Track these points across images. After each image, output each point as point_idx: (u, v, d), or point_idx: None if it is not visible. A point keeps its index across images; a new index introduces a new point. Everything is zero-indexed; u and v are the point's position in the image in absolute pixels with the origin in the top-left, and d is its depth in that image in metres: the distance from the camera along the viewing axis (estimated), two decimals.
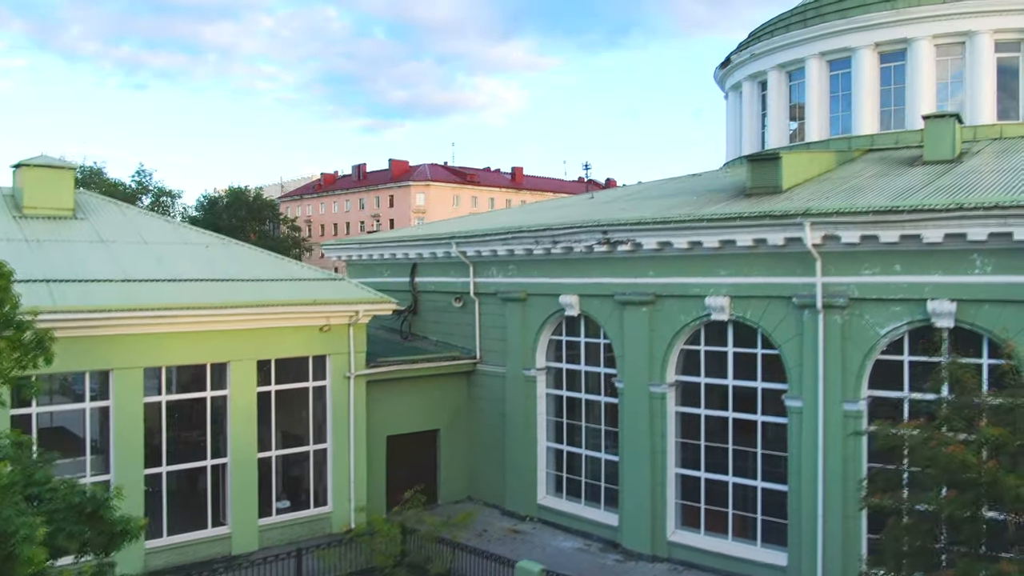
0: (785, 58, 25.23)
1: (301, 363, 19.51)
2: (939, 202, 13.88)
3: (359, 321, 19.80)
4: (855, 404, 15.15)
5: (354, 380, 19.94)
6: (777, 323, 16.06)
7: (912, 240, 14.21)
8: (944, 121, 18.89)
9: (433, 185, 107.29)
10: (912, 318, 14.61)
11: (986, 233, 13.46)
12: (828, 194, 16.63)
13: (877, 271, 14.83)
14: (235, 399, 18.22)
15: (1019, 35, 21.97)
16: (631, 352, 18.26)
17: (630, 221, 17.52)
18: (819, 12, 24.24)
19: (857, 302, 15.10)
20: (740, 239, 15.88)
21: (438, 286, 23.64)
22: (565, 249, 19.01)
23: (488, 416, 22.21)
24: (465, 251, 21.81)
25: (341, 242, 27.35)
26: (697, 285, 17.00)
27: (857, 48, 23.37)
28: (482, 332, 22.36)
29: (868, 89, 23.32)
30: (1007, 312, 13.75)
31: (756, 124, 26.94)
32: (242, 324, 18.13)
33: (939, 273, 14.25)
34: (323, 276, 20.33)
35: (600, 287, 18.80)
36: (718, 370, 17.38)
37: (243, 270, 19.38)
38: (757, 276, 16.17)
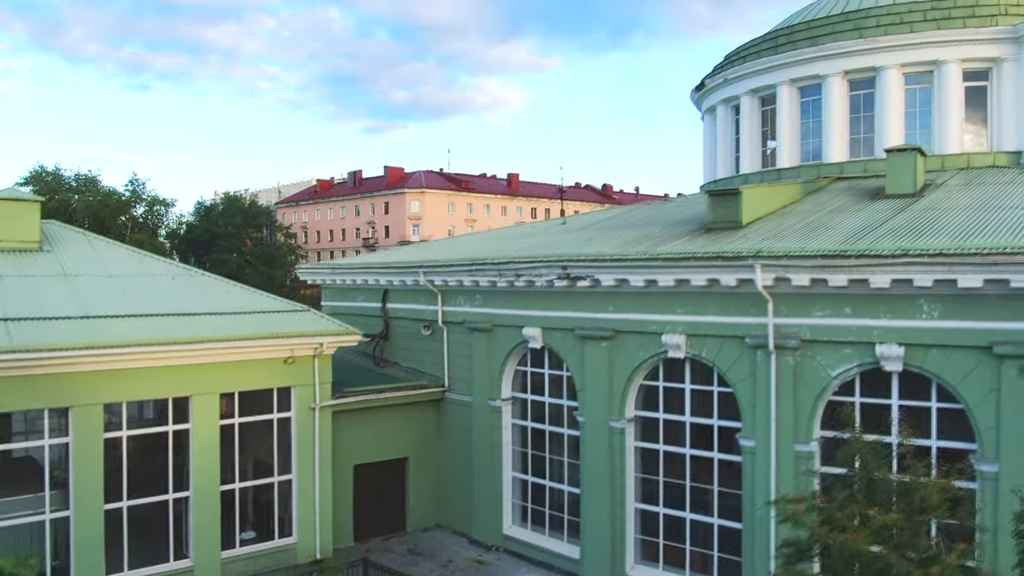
0: (757, 84, 25.28)
1: (265, 394, 19.56)
2: (886, 248, 13.91)
3: (324, 352, 19.86)
4: (807, 445, 15.18)
5: (319, 411, 20.00)
6: (731, 362, 16.10)
7: (861, 284, 14.24)
8: (906, 155, 18.92)
9: (428, 192, 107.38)
10: (862, 361, 14.64)
11: (931, 280, 13.49)
12: (784, 232, 16.66)
13: (828, 313, 14.87)
14: (197, 432, 18.28)
15: (987, 64, 22.01)
16: (591, 386, 18.30)
17: (589, 258, 17.57)
18: (790, 39, 24.31)
19: (809, 343, 15.13)
20: (694, 279, 15.92)
21: (408, 313, 23.71)
22: (527, 282, 19.06)
23: (456, 444, 22.27)
24: (433, 280, 21.87)
25: (315, 266, 27.44)
26: (654, 322, 17.04)
27: (827, 76, 23.42)
28: (450, 360, 22.41)
29: (838, 117, 23.36)
30: (954, 357, 13.79)
31: (730, 148, 26.99)
32: (204, 358, 18.18)
33: (888, 317, 14.28)
34: (288, 308, 20.39)
35: (562, 321, 18.85)
36: (676, 406, 17.42)
37: (207, 303, 19.44)
38: (712, 315, 16.21)
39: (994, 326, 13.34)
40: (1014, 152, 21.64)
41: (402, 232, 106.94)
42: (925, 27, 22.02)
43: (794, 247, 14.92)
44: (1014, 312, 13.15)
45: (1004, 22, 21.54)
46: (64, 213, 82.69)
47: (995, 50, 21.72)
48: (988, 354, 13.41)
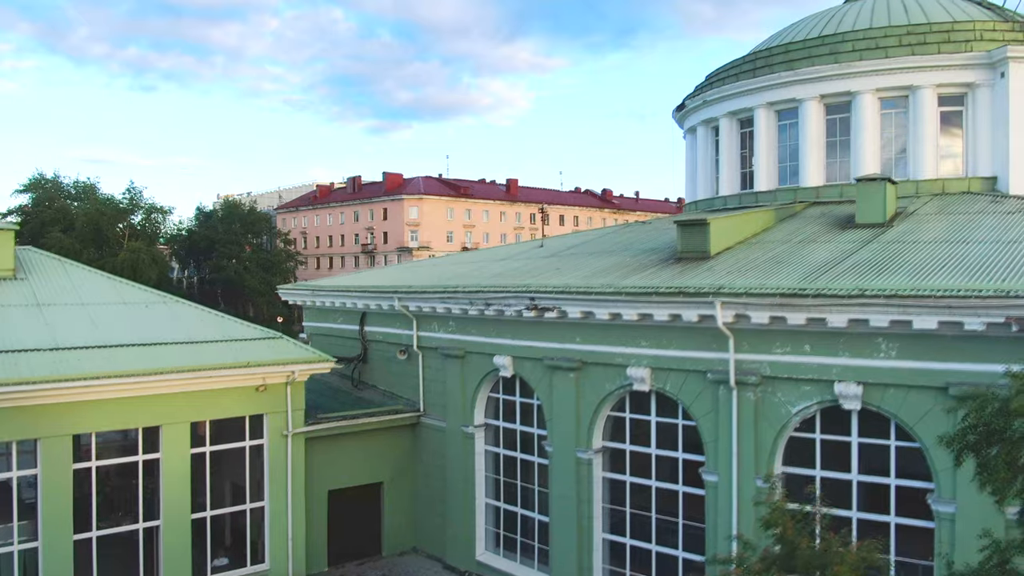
0: (735, 106, 25.31)
1: (237, 422, 19.63)
2: (843, 287, 13.92)
3: (296, 380, 19.93)
4: (767, 482, 15.12)
5: (292, 438, 20.08)
6: (695, 397, 16.12)
7: (819, 323, 14.25)
8: (875, 185, 18.91)
9: (426, 199, 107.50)
10: (822, 398, 14.65)
11: (887, 321, 13.49)
12: (748, 266, 16.67)
13: (788, 350, 14.88)
14: (167, 461, 18.37)
15: (962, 89, 22.01)
16: (559, 417, 18.34)
17: (556, 289, 17.62)
18: (768, 62, 24.34)
19: (769, 380, 15.14)
20: (657, 314, 15.95)
21: (385, 336, 23.77)
22: (497, 311, 19.11)
23: (431, 469, 22.32)
24: (407, 306, 21.94)
25: (296, 287, 27.54)
26: (620, 355, 17.07)
27: (803, 100, 23.45)
28: (425, 385, 22.47)
29: (814, 141, 23.39)
30: (911, 397, 13.79)
31: (710, 170, 27.02)
32: (175, 388, 18.27)
33: (846, 355, 14.29)
34: (261, 335, 20.46)
35: (531, 350, 18.89)
36: (643, 438, 17.45)
37: (180, 332, 19.53)
38: (675, 349, 16.23)
39: (950, 367, 13.33)
40: (989, 178, 21.65)
41: (400, 238, 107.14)
42: (900, 52, 22.04)
43: (754, 284, 14.94)
44: (969, 354, 13.15)
45: (979, 47, 21.55)
46: (63, 221, 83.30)
47: (970, 75, 21.73)
48: (944, 395, 13.41)
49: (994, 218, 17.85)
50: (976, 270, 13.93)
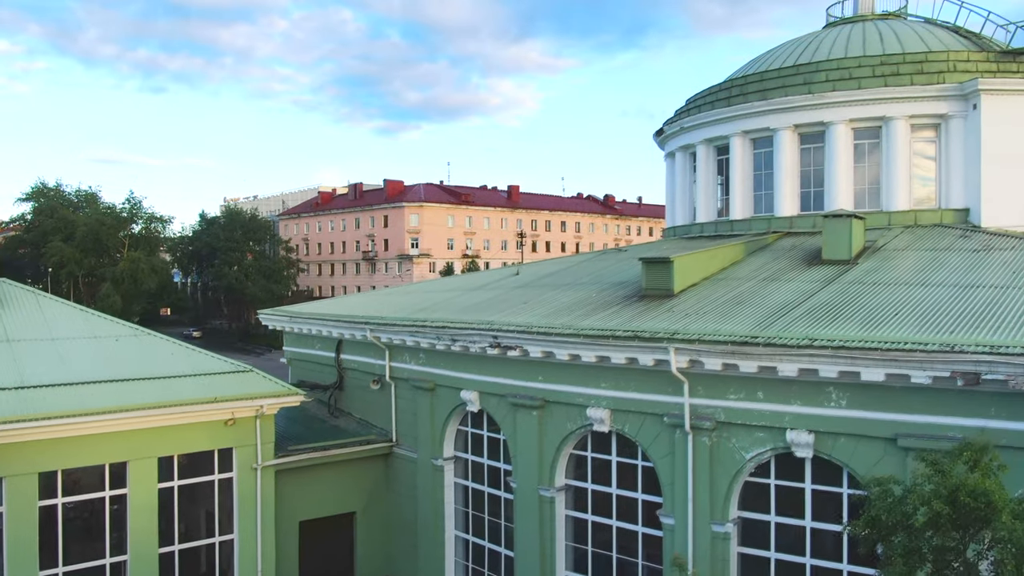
0: (712, 134, 25.30)
1: (206, 455, 19.75)
2: (793, 337, 13.90)
3: (265, 413, 20.04)
4: (722, 526, 15.19)
5: (261, 471, 20.18)
6: (652, 439, 16.14)
7: (771, 370, 14.24)
8: (841, 221, 18.87)
9: (427, 206, 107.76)
10: (775, 445, 14.65)
11: (836, 371, 13.48)
12: (707, 307, 16.67)
13: (742, 397, 14.88)
14: (134, 497, 18.50)
15: (935, 120, 21.94)
16: (523, 454, 18.39)
17: (518, 329, 17.66)
18: (743, 91, 24.34)
19: (724, 425, 15.14)
20: (614, 357, 15.97)
21: (360, 365, 23.87)
22: (463, 347, 19.16)
23: (403, 500, 22.40)
24: (379, 337, 22.02)
25: (275, 312, 27.66)
26: (580, 395, 17.11)
27: (777, 129, 23.43)
28: (398, 416, 22.55)
29: (788, 170, 23.36)
30: (861, 447, 13.78)
31: (688, 196, 27.00)
32: (142, 424, 18.40)
33: (798, 403, 14.28)
34: (231, 368, 20.57)
35: (496, 387, 18.94)
36: (604, 478, 17.47)
37: (149, 366, 19.68)
38: (633, 392, 16.25)
39: (898, 418, 13.33)
40: (961, 209, 21.58)
41: (401, 246, 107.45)
42: (872, 83, 22.00)
43: (708, 330, 14.94)
44: (917, 406, 13.13)
45: (951, 79, 21.48)
46: (64, 230, 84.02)
47: (943, 107, 21.66)
48: (894, 446, 13.40)
49: (959, 257, 17.79)
50: (929, 318, 13.90)
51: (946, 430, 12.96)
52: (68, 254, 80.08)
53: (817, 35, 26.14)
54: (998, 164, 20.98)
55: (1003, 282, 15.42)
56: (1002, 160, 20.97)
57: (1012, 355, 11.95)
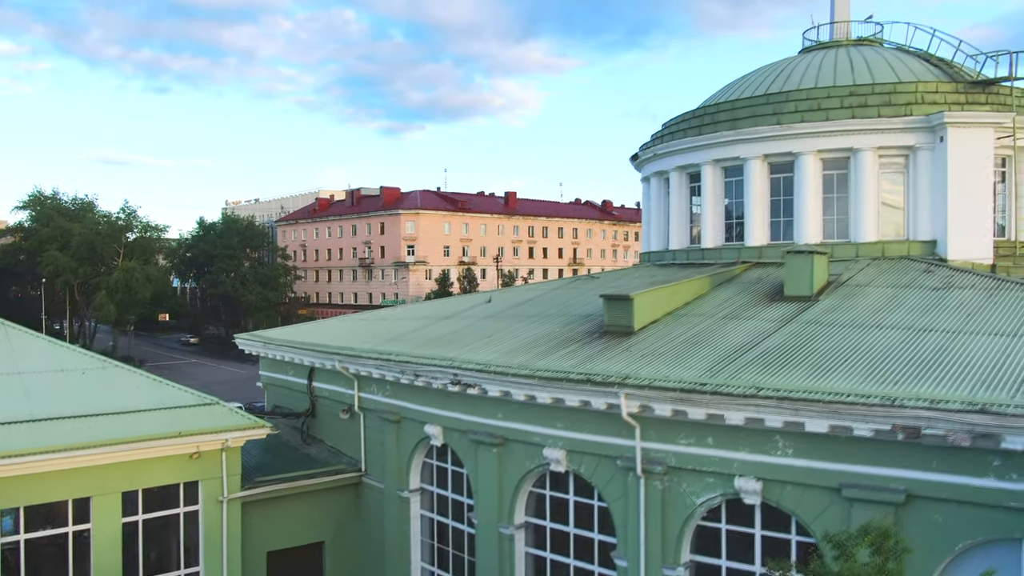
0: (684, 161, 25.35)
1: (171, 488, 19.83)
2: (740, 385, 13.94)
3: (231, 446, 20.11)
4: (673, 570, 15.22)
5: (227, 503, 20.25)
6: (607, 481, 16.17)
7: (719, 417, 14.27)
8: (802, 258, 18.88)
9: (423, 214, 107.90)
10: (724, 491, 14.67)
11: (781, 421, 13.51)
12: (664, 347, 16.70)
13: (692, 442, 14.91)
14: (98, 532, 18.58)
15: (904, 152, 21.96)
16: (483, 490, 18.44)
17: (476, 368, 17.72)
18: (714, 120, 24.38)
19: (675, 470, 15.17)
20: (568, 399, 16.02)
21: (331, 394, 23.94)
22: (426, 383, 19.22)
23: (371, 530, 22.46)
24: (348, 367, 22.10)
25: (250, 337, 27.73)
26: (538, 435, 17.15)
27: (747, 159, 23.47)
28: (367, 446, 22.62)
29: (758, 200, 23.39)
30: (807, 495, 13.80)
31: (663, 221, 27.03)
32: (106, 460, 18.49)
33: (746, 451, 14.30)
34: (197, 401, 20.64)
35: (459, 423, 18.99)
36: (562, 517, 17.51)
37: (114, 400, 19.75)
38: (588, 433, 16.29)
39: (843, 468, 13.35)
40: (929, 241, 21.59)
41: (398, 253, 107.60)
42: (840, 115, 22.02)
43: (659, 375, 14.97)
44: (861, 456, 13.15)
45: (919, 111, 21.50)
46: (59, 239, 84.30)
47: (910, 139, 21.68)
48: (839, 496, 13.42)
49: (917, 296, 17.79)
50: (877, 366, 13.92)
51: (889, 481, 12.99)
52: (63, 263, 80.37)
53: (791, 61, 26.16)
54: (964, 197, 21.00)
55: (956, 326, 15.42)
56: (968, 193, 21.00)
57: (950, 411, 11.97)
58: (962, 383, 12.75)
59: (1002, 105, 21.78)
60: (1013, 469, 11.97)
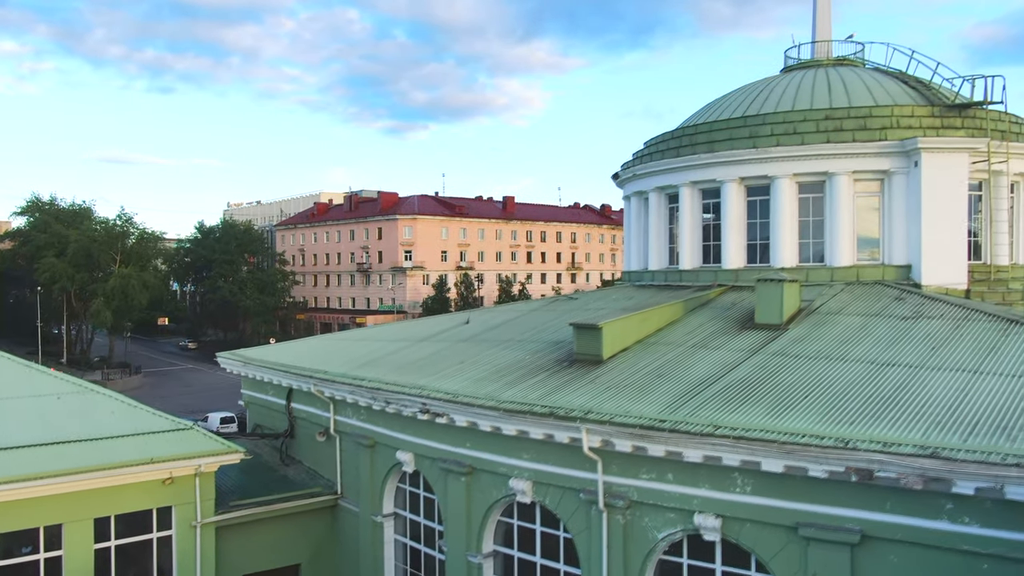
0: (663, 182, 25.38)
1: (144, 514, 19.89)
2: (697, 423, 13.96)
3: (204, 471, 20.17)
4: None
5: (201, 528, 20.31)
6: (571, 513, 16.20)
7: (678, 454, 14.29)
8: (772, 286, 18.88)
9: (420, 219, 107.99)
10: (685, 527, 14.69)
11: (738, 460, 13.52)
12: (629, 379, 16.71)
13: (653, 477, 14.92)
14: (70, 559, 18.63)
15: (879, 176, 21.96)
16: (453, 518, 18.47)
17: (444, 397, 17.76)
18: (692, 142, 24.41)
19: (637, 504, 15.19)
20: (533, 432, 16.05)
21: (308, 416, 24.01)
22: (397, 410, 19.27)
23: (347, 553, 22.51)
24: (323, 390, 22.15)
25: (231, 356, 27.79)
26: (504, 465, 17.18)
27: (724, 181, 23.48)
28: (343, 469, 22.67)
29: (734, 223, 23.41)
30: (765, 533, 13.81)
31: (643, 241, 27.06)
32: (78, 487, 18.55)
33: (706, 487, 14.32)
34: (171, 427, 20.70)
35: (429, 450, 19.03)
36: (529, 547, 17.53)
37: (87, 426, 19.81)
38: (552, 466, 16.31)
39: (799, 507, 13.35)
40: (903, 266, 21.59)
41: (395, 258, 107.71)
42: (816, 139, 22.03)
43: (620, 411, 14.99)
44: (817, 496, 13.16)
45: (894, 135, 21.50)
46: (56, 245, 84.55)
47: (885, 163, 21.69)
48: (796, 534, 13.43)
49: (885, 325, 17.78)
50: (836, 404, 13.92)
51: (845, 522, 13.00)
52: (60, 269, 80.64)
53: (770, 82, 26.16)
54: (938, 222, 21.00)
55: (919, 360, 15.42)
56: (942, 218, 21.00)
57: (903, 454, 11.98)
58: (917, 424, 12.76)
59: (978, 129, 21.76)
60: (965, 512, 11.99)
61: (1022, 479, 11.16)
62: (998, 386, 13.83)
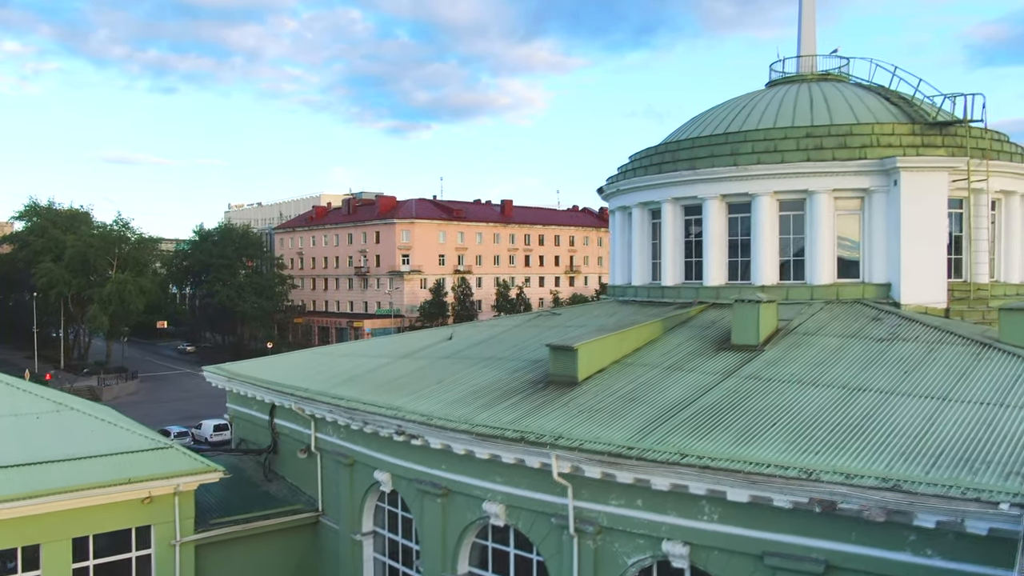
0: (646, 198, 25.39)
1: (124, 533, 19.93)
2: (664, 451, 13.97)
3: (182, 490, 20.22)
4: None
5: (180, 547, 20.37)
6: (543, 537, 16.22)
7: (646, 481, 14.30)
8: (748, 307, 18.87)
9: (418, 223, 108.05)
10: (654, 553, 14.69)
11: (704, 488, 13.53)
12: (602, 403, 16.73)
13: (623, 503, 14.93)
14: None
15: (859, 194, 21.95)
16: (428, 539, 18.50)
17: (419, 420, 17.78)
18: (674, 158, 24.43)
19: (607, 530, 15.21)
20: (504, 456, 16.07)
21: (291, 432, 24.04)
22: (374, 430, 19.30)
23: (328, 571, 22.54)
24: (303, 408, 22.19)
25: (217, 369, 27.84)
26: (478, 488, 17.20)
27: (705, 198, 23.49)
28: (324, 486, 22.70)
29: (716, 240, 23.41)
30: (733, 562, 13.81)
31: (626, 256, 27.08)
32: (56, 507, 18.61)
33: (674, 514, 14.32)
34: (151, 445, 20.75)
35: (406, 471, 19.05)
36: (503, 569, 17.55)
37: (67, 446, 19.87)
38: (525, 489, 16.32)
39: (765, 536, 13.35)
40: (883, 284, 21.58)
41: (392, 262, 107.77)
42: (796, 157, 22.04)
43: (588, 437, 15.01)
44: (782, 526, 13.16)
45: (873, 154, 21.50)
46: (54, 250, 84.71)
47: (865, 181, 21.69)
48: (762, 563, 13.44)
49: (860, 348, 17.77)
50: (803, 432, 13.93)
51: (810, 551, 13.00)
52: (57, 274, 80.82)
53: (755, 97, 26.16)
54: (917, 241, 20.99)
55: (890, 386, 15.42)
56: (921, 237, 20.99)
57: (865, 487, 11.99)
58: (882, 454, 12.77)
59: (958, 148, 21.76)
60: (928, 545, 11.99)
61: (981, 513, 11.18)
62: (965, 414, 13.83)
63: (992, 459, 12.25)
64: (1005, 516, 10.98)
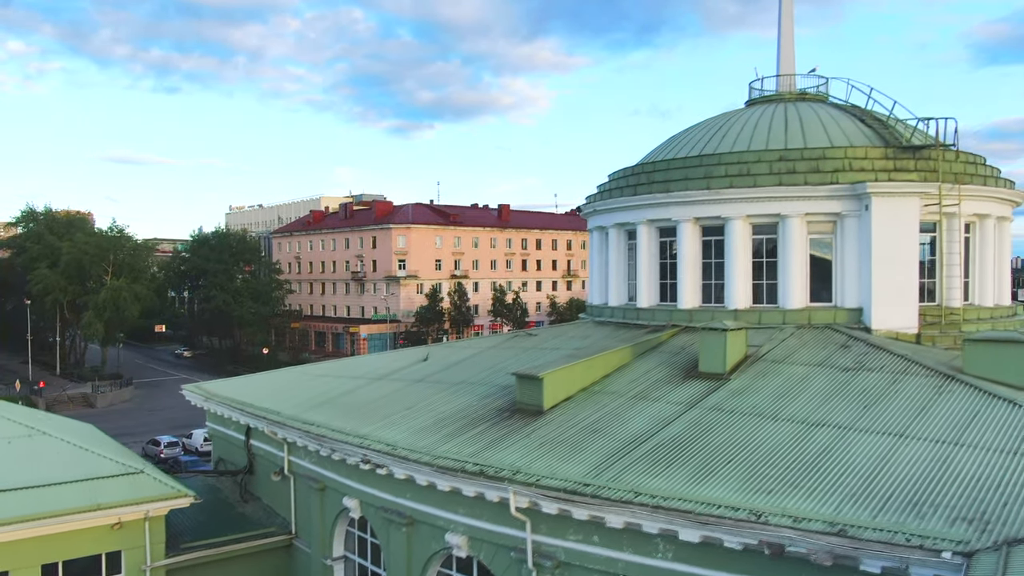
0: (621, 219, 25.39)
1: (94, 558, 19.99)
2: (619, 489, 13.99)
3: (152, 515, 20.26)
4: None
5: (151, 572, 20.42)
6: (504, 569, 16.24)
7: (601, 519, 14.30)
8: (715, 336, 18.87)
9: (414, 228, 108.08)
10: None
11: (656, 528, 13.53)
12: (566, 434, 16.74)
13: (580, 539, 14.93)
14: None
15: (831, 219, 21.93)
16: (394, 567, 18.54)
17: (383, 450, 17.81)
18: (649, 180, 24.43)
19: (565, 564, 15.22)
20: (465, 489, 16.08)
21: (266, 454, 24.09)
22: (341, 457, 19.33)
23: None
24: (275, 432, 22.24)
25: (195, 388, 27.81)
26: (441, 519, 17.23)
27: (679, 221, 23.47)
28: (297, 508, 22.75)
29: (689, 263, 23.41)
30: None
31: (603, 276, 27.07)
32: (23, 535, 18.67)
33: (629, 551, 14.31)
34: (121, 471, 20.78)
35: (373, 499, 19.08)
36: None
37: (35, 472, 19.92)
38: (486, 522, 16.34)
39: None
40: (855, 309, 21.56)
41: (389, 267, 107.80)
42: (768, 181, 22.02)
43: (546, 472, 15.03)
44: (734, 565, 13.12)
45: (845, 178, 21.49)
46: (49, 257, 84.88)
47: (837, 206, 21.68)
48: None
49: (825, 378, 17.75)
50: (759, 470, 13.93)
51: None
52: (52, 281, 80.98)
53: (731, 117, 26.13)
54: (888, 266, 20.97)
55: (848, 421, 15.41)
56: (892, 262, 20.97)
57: (811, 531, 11.99)
58: (833, 496, 12.77)
59: (931, 172, 21.73)
60: None
61: (925, 561, 11.17)
62: (919, 452, 13.82)
63: (941, 502, 12.25)
64: (948, 565, 10.98)
